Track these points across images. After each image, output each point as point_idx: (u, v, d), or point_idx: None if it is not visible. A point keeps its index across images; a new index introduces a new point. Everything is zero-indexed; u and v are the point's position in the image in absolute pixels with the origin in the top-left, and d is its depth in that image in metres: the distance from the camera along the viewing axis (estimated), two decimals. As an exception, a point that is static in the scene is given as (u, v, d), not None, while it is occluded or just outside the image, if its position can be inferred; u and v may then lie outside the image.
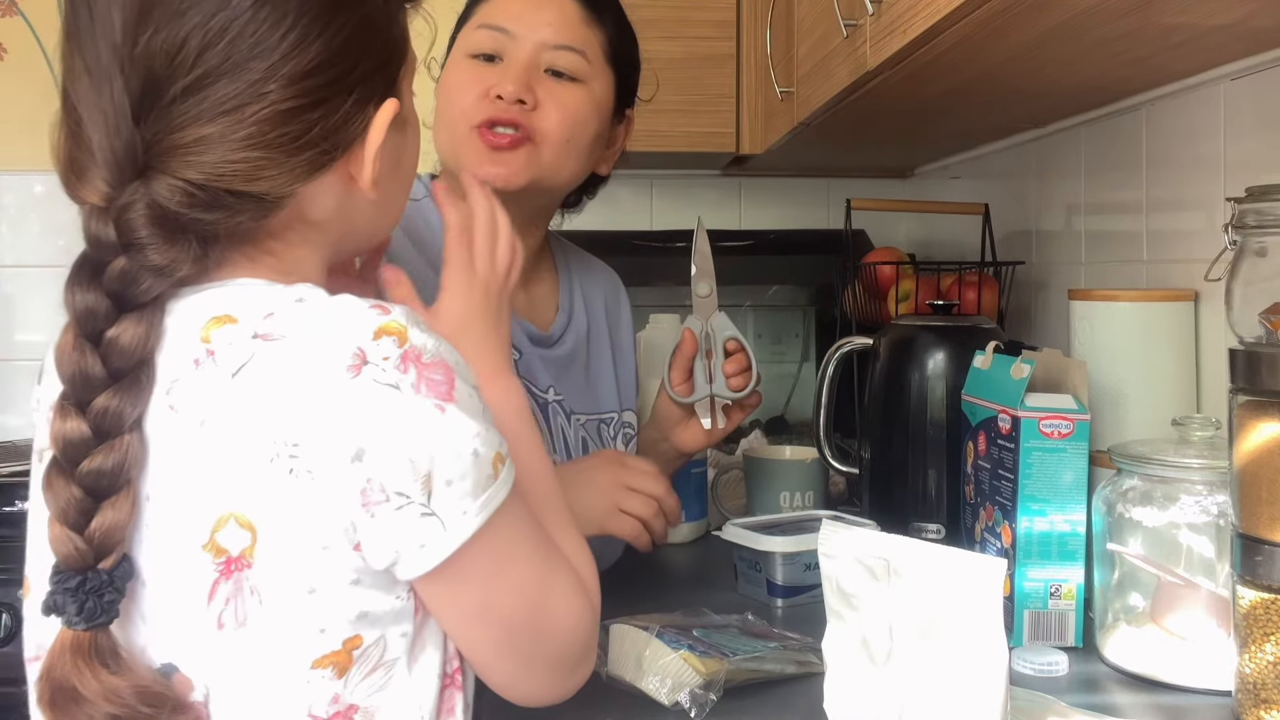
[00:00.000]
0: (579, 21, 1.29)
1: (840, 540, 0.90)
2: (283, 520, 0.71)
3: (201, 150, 0.71)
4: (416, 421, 0.70)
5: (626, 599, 1.27)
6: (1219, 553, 1.05)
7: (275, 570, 0.71)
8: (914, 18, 1.10)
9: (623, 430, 1.44)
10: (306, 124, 0.74)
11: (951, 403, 1.38)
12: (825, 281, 2.18)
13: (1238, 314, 0.99)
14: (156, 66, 0.70)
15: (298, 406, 0.70)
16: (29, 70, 2.35)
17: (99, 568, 0.70)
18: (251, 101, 0.71)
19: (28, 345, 2.37)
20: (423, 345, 0.72)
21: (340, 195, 0.79)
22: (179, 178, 0.71)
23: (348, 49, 0.75)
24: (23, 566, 0.83)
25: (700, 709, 0.97)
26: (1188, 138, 1.39)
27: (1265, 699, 0.93)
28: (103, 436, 0.70)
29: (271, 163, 0.73)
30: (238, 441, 0.71)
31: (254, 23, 0.71)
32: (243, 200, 0.73)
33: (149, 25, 0.70)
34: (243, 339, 0.72)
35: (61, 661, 0.71)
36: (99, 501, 0.70)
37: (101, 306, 0.71)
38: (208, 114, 0.71)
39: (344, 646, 0.74)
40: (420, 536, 0.72)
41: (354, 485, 0.70)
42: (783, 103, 1.77)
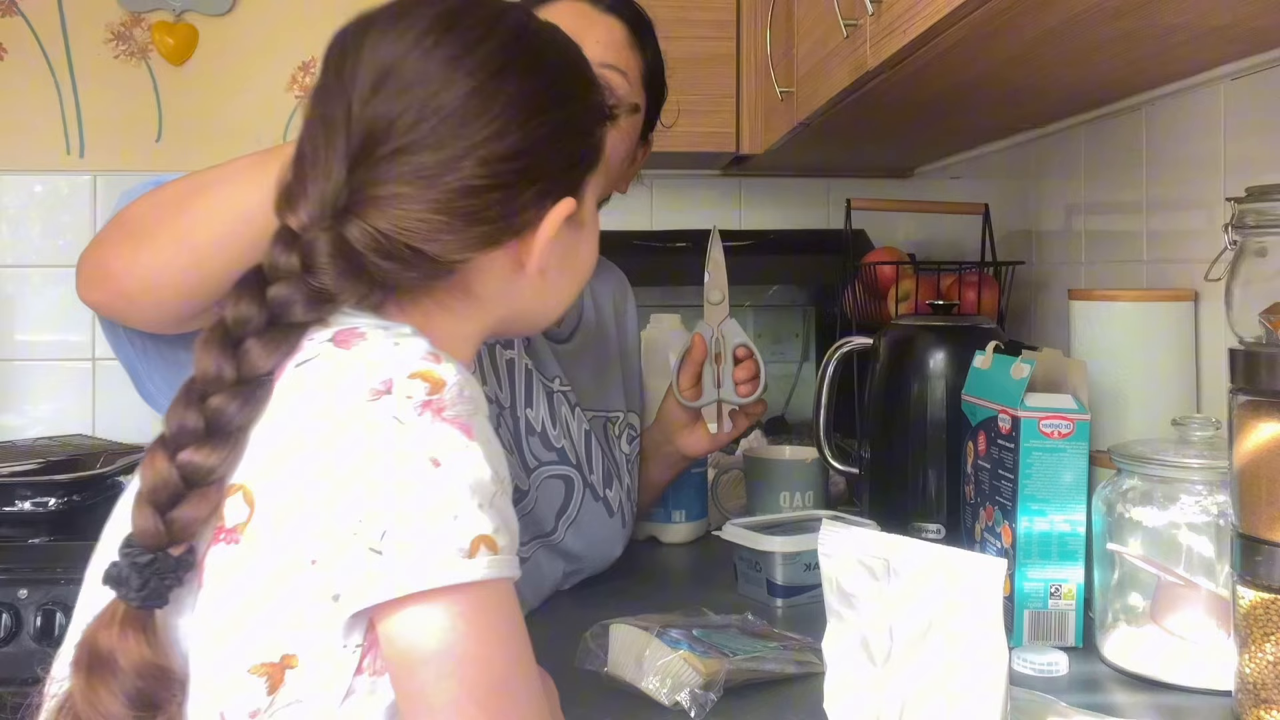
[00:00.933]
0: (625, 44, 1.32)
1: (840, 540, 0.90)
2: (281, 510, 0.72)
3: (394, 204, 0.78)
4: (406, 462, 0.71)
5: (626, 599, 1.27)
6: (1219, 553, 1.05)
7: (254, 554, 0.73)
8: (914, 18, 1.10)
9: (626, 430, 1.44)
10: (488, 202, 0.80)
11: (951, 403, 1.38)
12: (825, 281, 2.18)
13: (1238, 314, 0.99)
14: (376, 129, 0.79)
15: (320, 413, 0.73)
16: (29, 70, 2.35)
17: (169, 551, 0.73)
18: (446, 173, 0.79)
19: (28, 345, 2.37)
20: (450, 403, 0.73)
21: (506, 277, 0.85)
22: (369, 224, 0.78)
23: (541, 146, 0.82)
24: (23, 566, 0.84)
25: (700, 709, 0.98)
26: (1188, 138, 1.39)
27: (1265, 699, 0.93)
28: (211, 433, 0.74)
29: (449, 228, 0.79)
30: (271, 425, 0.75)
31: (463, 109, 0.79)
32: (417, 256, 0.79)
33: (379, 94, 0.79)
34: (322, 338, 0.77)
35: (109, 632, 0.73)
36: (189, 490, 0.74)
37: (254, 318, 0.76)
38: (407, 176, 0.78)
39: (280, 660, 0.72)
40: (364, 571, 0.70)
41: (335, 502, 0.71)
42: (783, 103, 1.77)
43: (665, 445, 1.45)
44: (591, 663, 1.06)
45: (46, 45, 2.36)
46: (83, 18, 2.37)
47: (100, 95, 2.37)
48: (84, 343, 2.36)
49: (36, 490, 1.73)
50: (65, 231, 2.37)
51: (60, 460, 1.85)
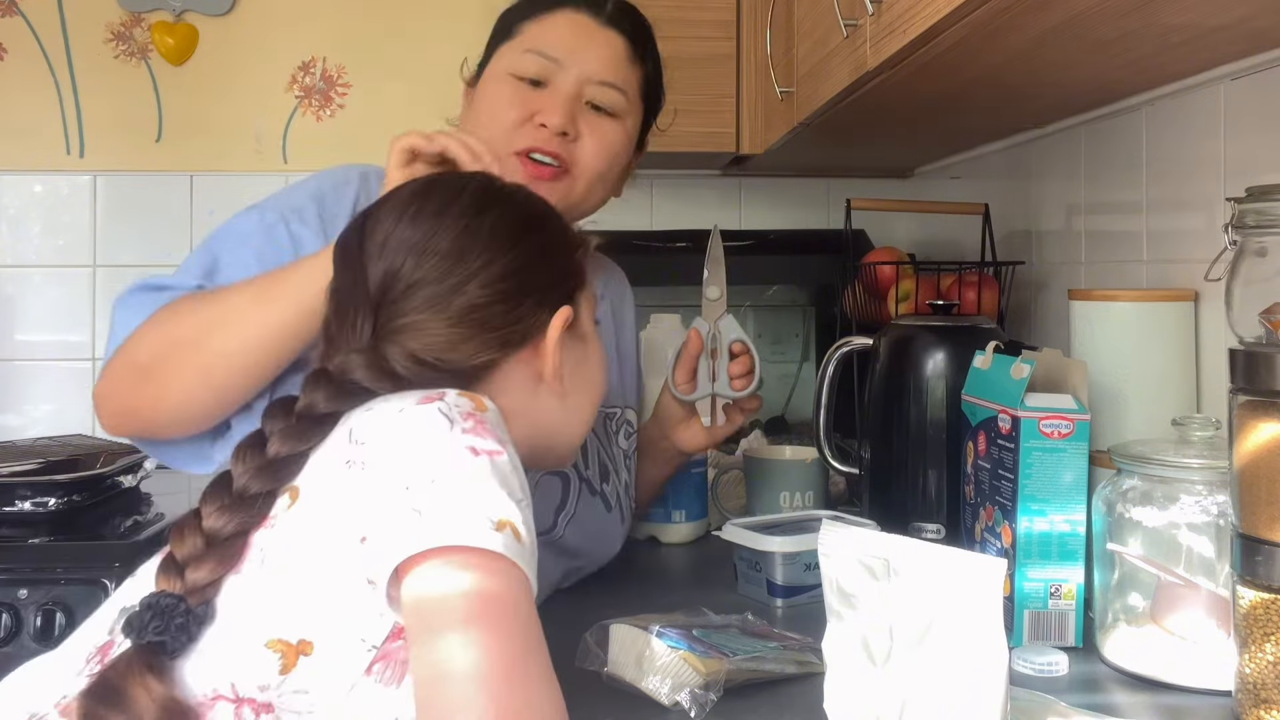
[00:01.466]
0: (625, 59, 1.32)
1: (840, 540, 0.90)
2: (320, 496, 0.81)
3: (414, 329, 0.92)
4: (449, 448, 0.80)
5: (626, 599, 1.27)
6: (1219, 553, 1.05)
7: (288, 538, 0.80)
8: (914, 18, 1.10)
9: (624, 426, 1.44)
10: (494, 313, 0.94)
11: (951, 403, 1.38)
12: (825, 281, 2.18)
13: (1238, 314, 0.99)
14: (387, 279, 0.93)
15: (376, 419, 0.84)
16: (29, 70, 2.36)
17: (188, 599, 0.79)
18: (455, 296, 0.93)
19: (28, 345, 2.37)
20: (492, 427, 0.83)
21: (529, 389, 0.97)
22: (398, 346, 0.92)
23: (528, 265, 0.96)
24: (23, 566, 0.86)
25: (700, 709, 0.98)
26: (1188, 138, 1.39)
27: (1265, 699, 0.93)
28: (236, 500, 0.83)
29: (466, 338, 0.93)
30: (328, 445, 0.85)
31: (457, 245, 0.94)
32: (443, 363, 0.92)
33: (383, 256, 0.94)
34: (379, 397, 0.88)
35: (121, 667, 0.76)
36: (209, 549, 0.81)
37: (285, 424, 0.87)
38: (419, 306, 0.92)
39: (297, 643, 0.77)
40: (402, 527, 0.77)
41: (383, 480, 0.79)
42: (783, 103, 1.77)
43: (661, 441, 1.45)
44: (591, 663, 1.06)
45: (46, 45, 2.37)
46: (83, 18, 2.37)
47: (100, 95, 2.37)
48: (84, 343, 2.36)
49: (36, 490, 1.73)
50: (65, 231, 2.37)
51: (60, 460, 1.84)
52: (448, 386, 0.89)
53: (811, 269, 2.23)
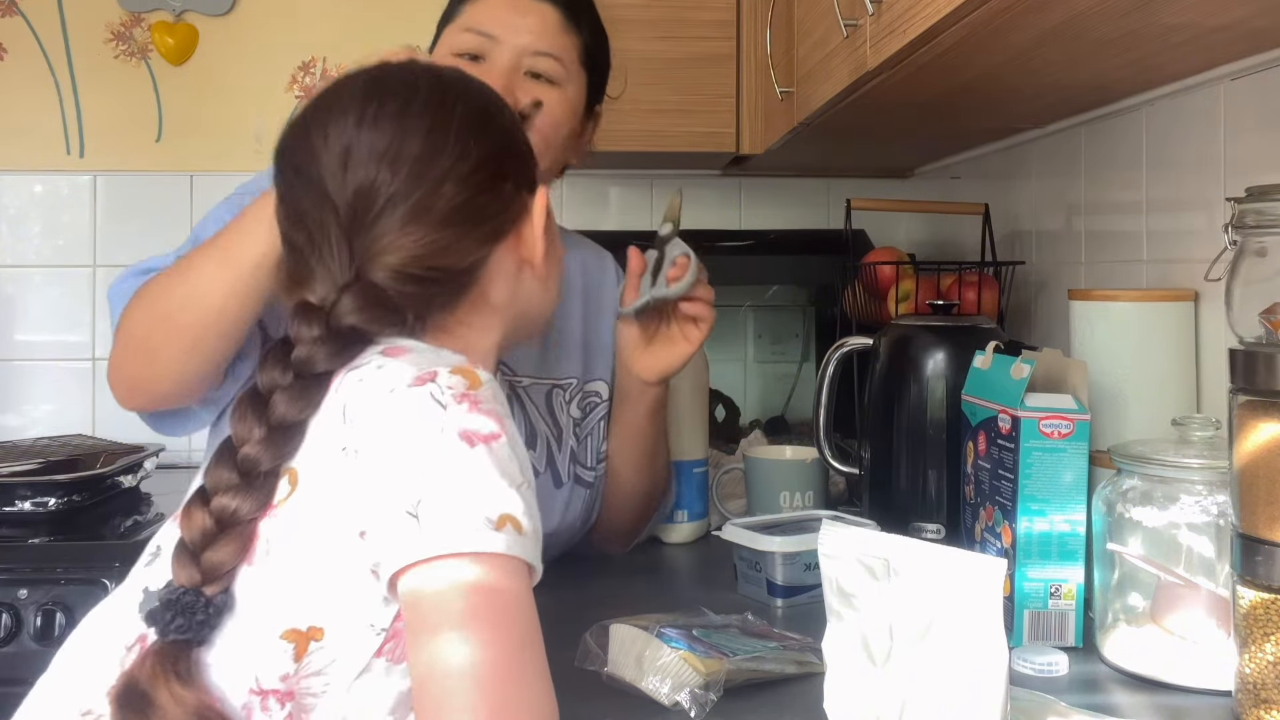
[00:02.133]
0: (558, 29, 1.36)
1: (840, 540, 0.90)
2: (319, 484, 0.80)
3: (402, 244, 0.87)
4: (442, 441, 0.78)
5: (626, 599, 1.27)
6: (1219, 553, 1.05)
7: (290, 527, 0.79)
8: (914, 18, 1.10)
9: (580, 396, 1.44)
10: (480, 205, 0.91)
11: (951, 403, 1.38)
12: (825, 281, 2.18)
13: (1238, 314, 0.99)
14: (360, 198, 0.88)
15: (365, 400, 0.80)
16: (29, 70, 2.35)
17: (203, 590, 0.78)
18: (435, 201, 0.88)
19: (28, 345, 2.37)
20: (487, 398, 0.81)
21: (514, 276, 0.95)
22: (384, 268, 0.87)
23: (498, 150, 0.93)
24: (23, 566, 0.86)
25: (700, 709, 0.98)
26: (1188, 138, 1.39)
27: (1265, 699, 0.93)
28: (244, 478, 0.81)
29: (457, 237, 0.89)
30: (320, 417, 0.82)
31: (427, 146, 0.89)
32: (435, 272, 0.88)
33: (349, 170, 0.88)
34: (374, 351, 0.84)
35: (144, 667, 0.77)
36: (222, 532, 0.80)
37: (283, 380, 0.83)
38: (401, 220, 0.88)
39: (307, 631, 0.78)
40: (399, 534, 0.76)
41: (378, 475, 0.78)
42: (783, 103, 1.77)
43: (625, 379, 1.42)
44: (591, 663, 1.06)
45: (46, 45, 2.36)
46: (83, 18, 2.37)
47: (100, 95, 2.37)
48: (84, 343, 2.36)
49: (36, 490, 1.73)
50: (65, 231, 2.37)
51: (60, 460, 1.85)
52: (442, 295, 0.89)
53: (811, 269, 2.23)
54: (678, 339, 1.37)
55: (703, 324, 1.37)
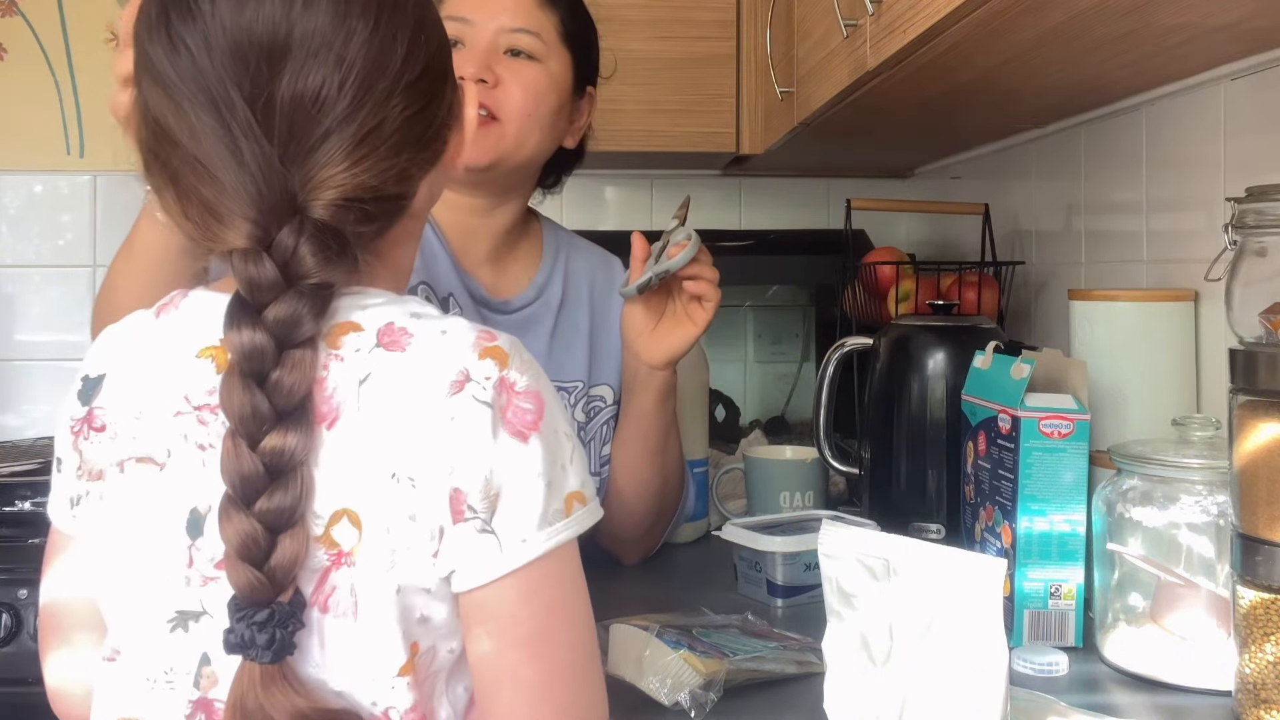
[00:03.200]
0: (533, 6, 1.37)
1: (840, 540, 0.90)
2: (384, 522, 0.74)
3: (350, 171, 0.76)
4: (498, 443, 0.75)
5: (626, 599, 1.27)
6: (1219, 553, 1.05)
7: (373, 569, 0.74)
8: (914, 18, 1.10)
9: (585, 400, 1.44)
10: (429, 118, 0.81)
11: (951, 403, 1.38)
12: (825, 281, 2.18)
13: (1238, 314, 0.99)
14: (297, 115, 0.74)
15: (409, 418, 0.74)
16: (29, 70, 2.35)
17: (279, 600, 0.73)
18: (383, 119, 0.77)
19: (28, 345, 2.37)
20: (517, 376, 0.77)
21: (434, 180, 0.85)
22: (327, 202, 0.75)
23: (435, 47, 0.82)
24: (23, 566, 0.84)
25: (700, 709, 0.98)
26: (1188, 138, 1.39)
27: (1265, 699, 0.93)
28: (276, 474, 0.73)
29: (412, 162, 0.79)
30: (358, 445, 0.74)
31: (372, 52, 0.76)
32: (382, 203, 0.78)
33: (283, 72, 0.74)
34: (367, 347, 0.76)
35: (253, 693, 0.73)
36: (276, 535, 0.73)
37: (268, 347, 0.73)
38: (348, 144, 0.75)
39: (409, 652, 0.76)
40: (477, 552, 0.75)
41: (445, 494, 0.74)
42: (783, 103, 1.77)
43: (632, 365, 1.40)
44: (591, 663, 1.05)
45: (46, 45, 2.36)
46: (83, 18, 2.37)
47: (100, 95, 2.36)
48: (84, 343, 2.34)
49: (36, 490, 1.73)
50: (65, 231, 2.37)
51: (60, 460, 1.84)
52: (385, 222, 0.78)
53: (811, 269, 2.23)
54: (683, 320, 1.35)
55: (708, 304, 1.34)
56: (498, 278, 1.42)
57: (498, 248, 1.42)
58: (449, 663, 0.79)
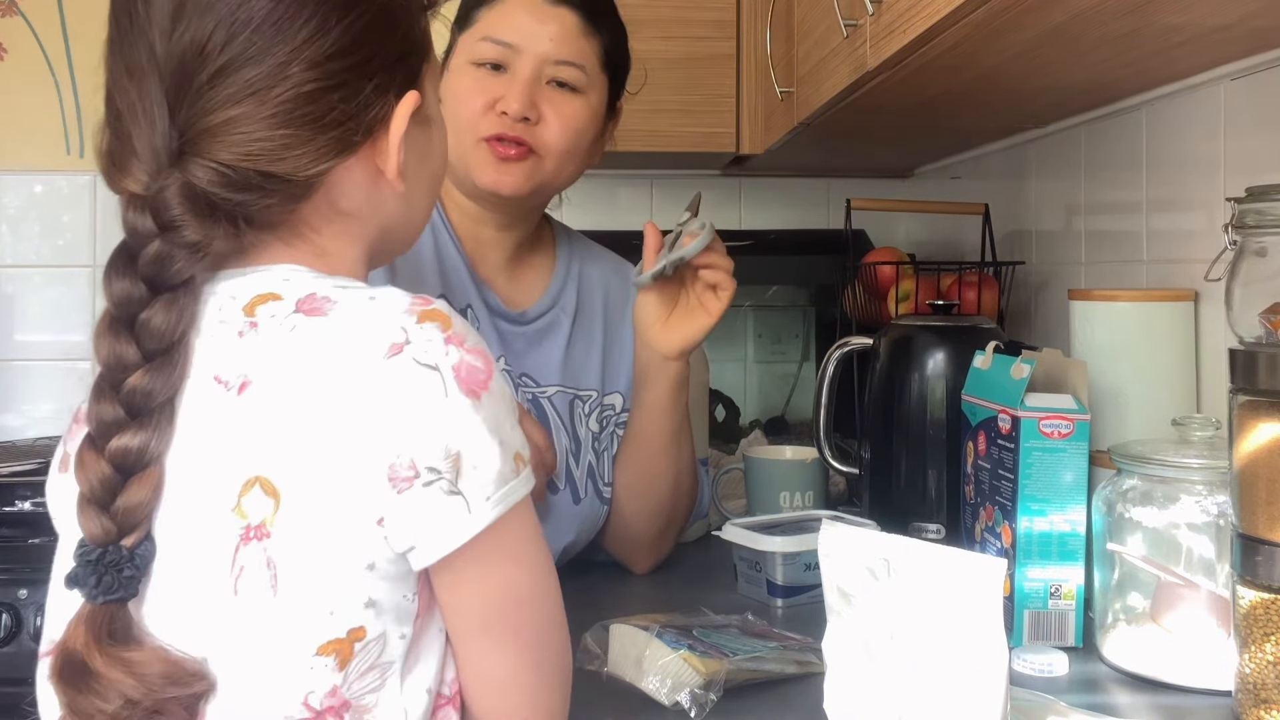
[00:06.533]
0: (578, 34, 1.34)
1: (840, 540, 0.90)
2: (308, 491, 0.73)
3: (230, 131, 0.76)
4: (452, 403, 0.73)
5: (626, 599, 1.27)
6: (1219, 553, 1.05)
7: (293, 542, 0.73)
8: (914, 18, 1.10)
9: (599, 409, 1.43)
10: (328, 105, 0.78)
11: (951, 403, 1.38)
12: (825, 281, 2.18)
13: (1238, 314, 0.99)
14: (188, 60, 0.76)
15: (336, 378, 0.73)
16: (29, 70, 2.35)
17: (121, 544, 0.72)
18: (276, 84, 0.76)
19: (28, 345, 2.36)
20: (465, 332, 0.76)
21: (368, 187, 0.83)
22: (210, 159, 0.75)
23: (366, 36, 0.80)
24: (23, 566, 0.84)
25: (700, 709, 0.98)
26: (1188, 138, 1.39)
27: (1265, 699, 0.93)
28: (134, 414, 0.73)
29: (297, 140, 0.77)
30: (274, 408, 0.73)
31: (275, 11, 0.76)
32: (271, 181, 0.77)
33: (181, 23, 0.76)
34: (285, 312, 0.75)
35: (76, 635, 0.72)
36: (126, 478, 0.73)
37: (137, 292, 0.74)
38: (235, 97, 0.76)
39: (348, 635, 0.74)
40: (444, 516, 0.74)
41: (384, 459, 0.72)
42: (783, 103, 1.77)
43: (645, 356, 1.37)
44: (591, 663, 1.06)
45: (46, 45, 2.36)
46: (83, 18, 2.37)
47: (100, 95, 2.37)
48: (84, 343, 2.36)
49: (36, 490, 1.73)
50: (65, 231, 2.37)
51: (60, 460, 1.84)
52: (276, 205, 0.77)
53: (811, 269, 2.23)
54: (697, 310, 1.33)
55: (723, 292, 1.32)
56: (512, 287, 1.42)
57: (513, 257, 1.42)
58: (402, 651, 0.76)
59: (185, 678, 0.73)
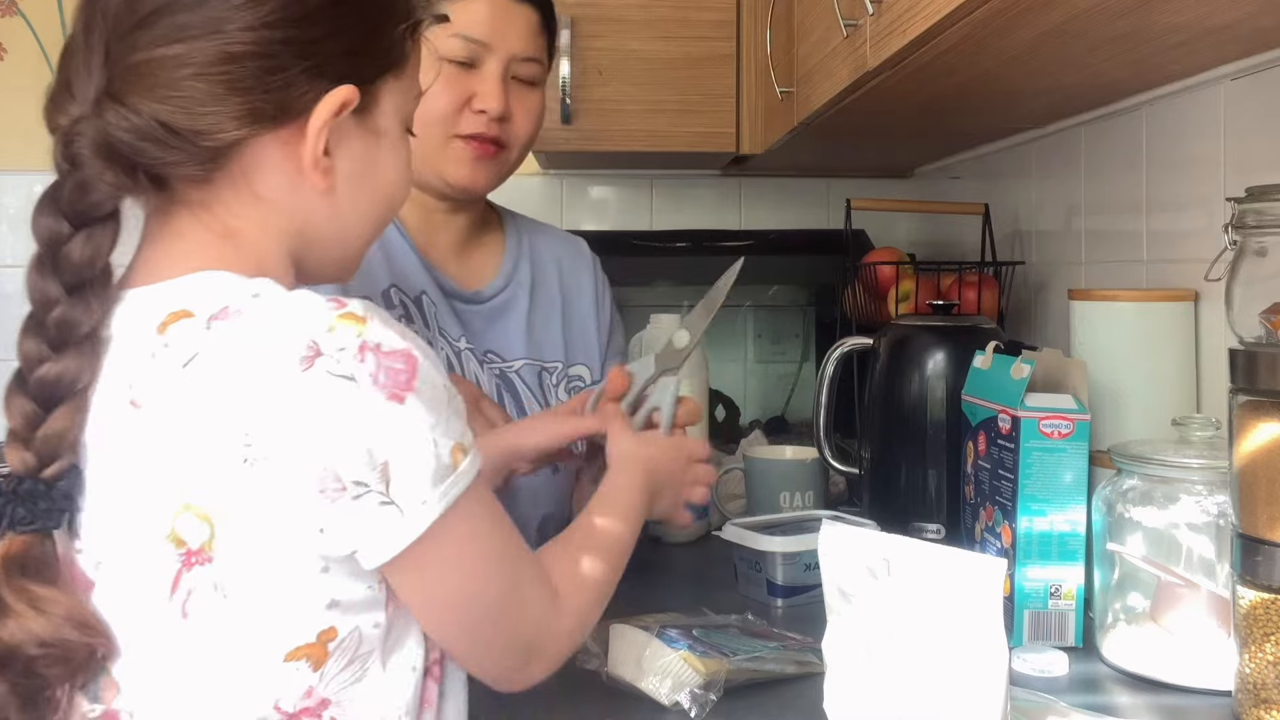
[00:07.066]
0: (538, 30, 1.38)
1: (840, 540, 0.90)
2: (242, 511, 0.72)
3: (150, 73, 0.75)
4: (372, 412, 0.71)
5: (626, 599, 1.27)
6: (1219, 553, 1.05)
7: (237, 563, 0.72)
8: (914, 18, 1.10)
9: (566, 380, 1.45)
10: (249, 70, 0.76)
11: (951, 403, 1.38)
12: (825, 281, 2.18)
13: (1238, 314, 0.99)
14: (121, 10, 0.76)
15: (250, 397, 0.71)
16: (29, 70, 2.36)
17: (43, 476, 0.73)
18: (204, 36, 0.75)
19: (28, 345, 2.36)
20: (382, 333, 0.73)
21: (290, 176, 0.80)
22: (126, 106, 0.75)
23: (315, 17, 0.78)
24: None
25: (700, 709, 0.98)
26: (1188, 138, 1.39)
27: (1265, 699, 0.93)
28: (56, 347, 0.74)
29: (210, 98, 0.75)
30: (191, 432, 0.72)
31: None
32: (179, 138, 0.75)
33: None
34: (196, 330, 0.74)
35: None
36: (49, 411, 0.73)
37: (60, 228, 0.77)
38: (161, 39, 0.75)
39: (318, 639, 0.74)
40: (379, 525, 0.73)
41: (311, 474, 0.71)
42: (783, 103, 1.77)
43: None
44: (591, 663, 1.05)
45: (46, 45, 2.36)
46: (83, 18, 2.37)
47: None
48: (84, 343, 2.35)
49: (36, 490, 1.73)
50: (65, 231, 2.37)
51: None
52: (183, 162, 0.76)
53: (811, 269, 2.23)
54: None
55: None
56: (465, 269, 1.43)
57: (462, 240, 1.43)
58: (379, 639, 0.76)
59: (90, 626, 0.73)
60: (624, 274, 1.56)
